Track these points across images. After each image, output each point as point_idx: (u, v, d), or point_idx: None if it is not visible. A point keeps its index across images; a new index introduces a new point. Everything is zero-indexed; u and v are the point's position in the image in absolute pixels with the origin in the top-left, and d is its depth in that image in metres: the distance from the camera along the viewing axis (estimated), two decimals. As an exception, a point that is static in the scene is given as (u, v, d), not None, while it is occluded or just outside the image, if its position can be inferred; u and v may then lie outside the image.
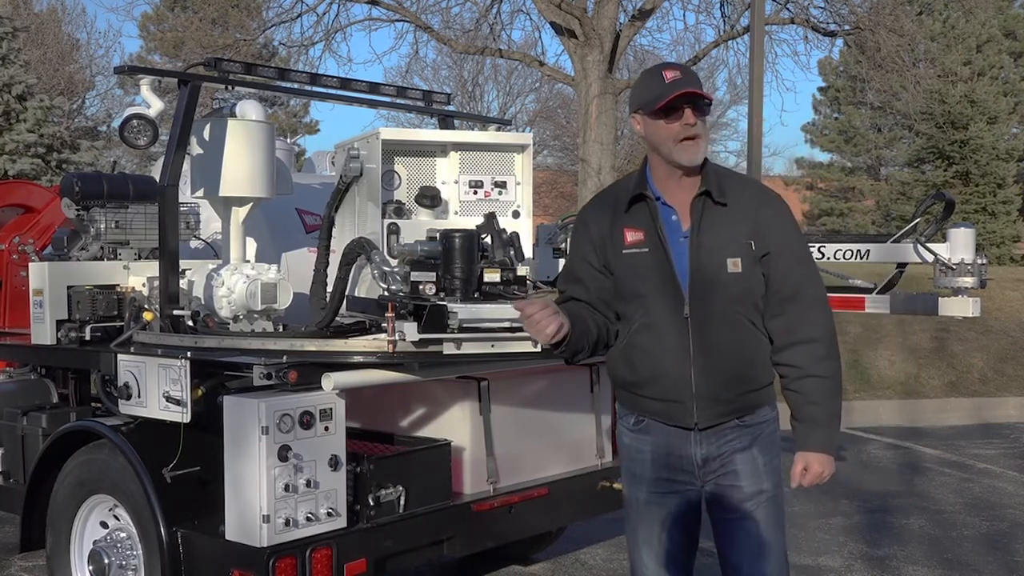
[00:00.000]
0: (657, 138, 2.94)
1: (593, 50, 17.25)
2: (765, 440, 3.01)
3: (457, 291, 3.75)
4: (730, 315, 2.89)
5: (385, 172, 4.32)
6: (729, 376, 2.92)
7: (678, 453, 2.99)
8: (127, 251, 4.89)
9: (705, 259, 2.88)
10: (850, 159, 36.08)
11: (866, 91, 24.17)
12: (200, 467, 3.96)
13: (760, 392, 2.98)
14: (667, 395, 2.94)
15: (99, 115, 29.85)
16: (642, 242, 2.94)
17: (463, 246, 3.77)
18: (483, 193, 4.42)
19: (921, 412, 11.13)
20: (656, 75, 2.94)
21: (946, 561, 5.80)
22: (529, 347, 3.70)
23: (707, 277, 2.88)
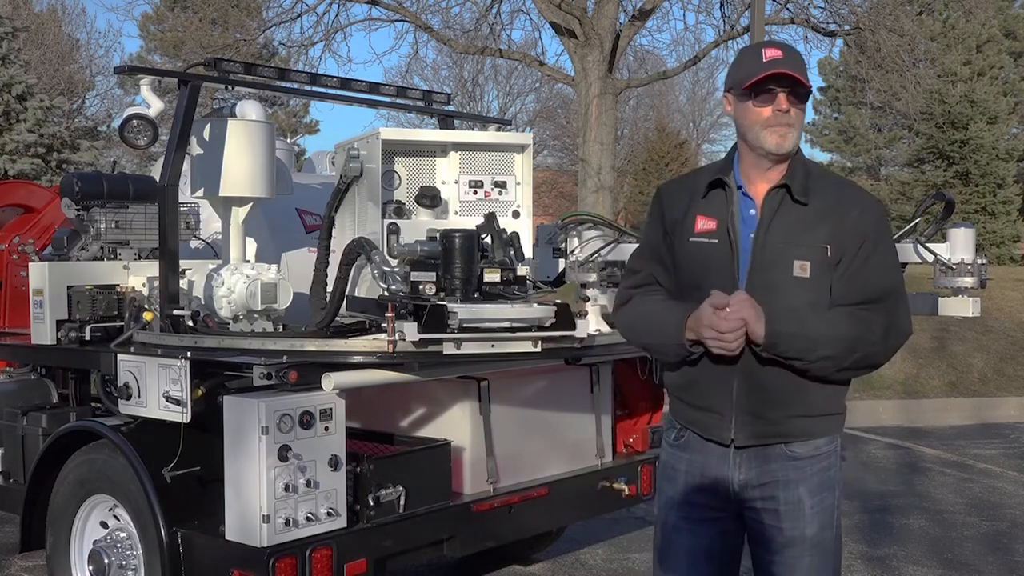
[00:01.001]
0: (746, 121, 2.66)
1: (593, 50, 17.25)
2: (816, 477, 2.69)
3: (457, 291, 3.75)
4: None
5: (385, 172, 4.32)
6: (777, 393, 2.62)
7: (713, 475, 2.70)
8: (127, 251, 4.89)
9: (769, 258, 2.61)
10: (850, 159, 36.09)
11: (866, 91, 24.14)
12: (200, 467, 3.96)
13: (815, 420, 2.68)
14: (705, 402, 2.68)
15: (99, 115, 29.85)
16: (712, 232, 2.67)
17: (463, 246, 3.77)
18: (483, 193, 4.42)
19: (921, 412, 11.13)
20: (755, 52, 2.68)
21: (946, 561, 5.79)
22: (529, 347, 3.70)
23: (768, 279, 2.60)
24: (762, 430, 2.65)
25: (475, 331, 3.67)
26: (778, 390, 2.62)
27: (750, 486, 2.68)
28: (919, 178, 25.19)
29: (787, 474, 2.67)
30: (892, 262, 2.70)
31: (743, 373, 2.61)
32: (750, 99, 2.64)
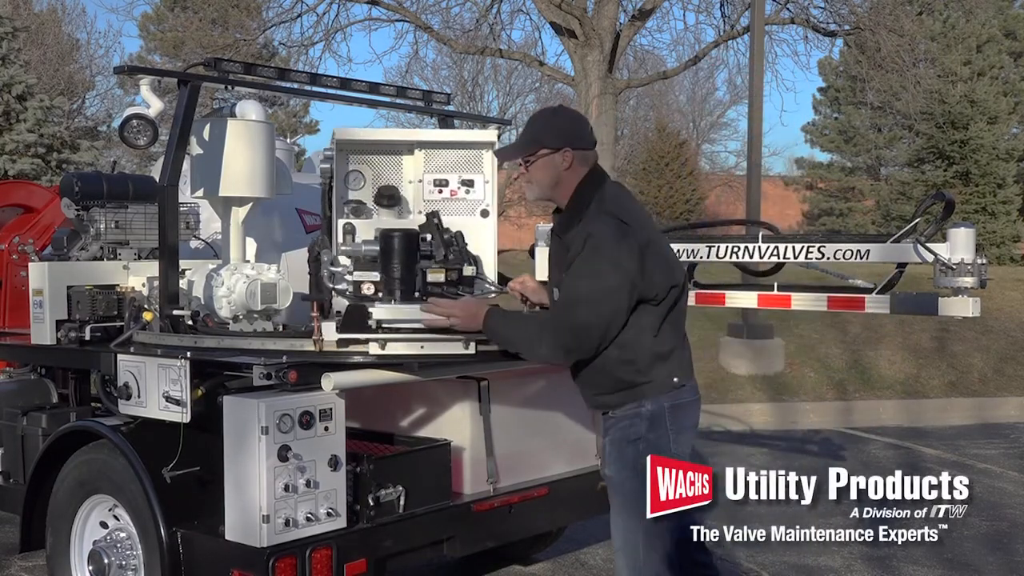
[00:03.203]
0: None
1: (593, 50, 17.25)
2: (619, 432, 3.39)
3: (396, 291, 3.74)
4: None
5: (350, 172, 4.28)
6: (582, 379, 3.46)
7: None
8: (127, 251, 4.89)
9: (552, 289, 3.49)
10: (850, 159, 36.06)
11: (866, 91, 24.15)
12: (200, 467, 3.96)
13: (613, 395, 3.38)
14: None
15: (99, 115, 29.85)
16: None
17: (400, 246, 3.76)
18: (449, 192, 4.31)
19: (921, 412, 11.13)
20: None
21: (946, 561, 5.79)
22: (460, 348, 3.73)
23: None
24: (589, 403, 3.54)
25: (401, 331, 3.68)
26: (580, 376, 3.44)
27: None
28: (919, 178, 25.17)
29: (607, 433, 3.44)
30: (577, 279, 3.26)
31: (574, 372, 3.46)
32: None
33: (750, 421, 10.73)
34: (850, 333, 12.73)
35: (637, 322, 3.28)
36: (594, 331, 3.25)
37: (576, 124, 3.51)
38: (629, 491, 3.39)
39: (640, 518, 3.36)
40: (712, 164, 43.01)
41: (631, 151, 37.20)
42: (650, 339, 3.31)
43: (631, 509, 3.39)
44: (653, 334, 3.31)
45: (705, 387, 10.79)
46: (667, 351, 3.35)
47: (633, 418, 3.36)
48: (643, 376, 3.32)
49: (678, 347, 3.40)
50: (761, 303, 4.90)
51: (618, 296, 3.22)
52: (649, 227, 3.40)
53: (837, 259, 4.42)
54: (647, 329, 3.30)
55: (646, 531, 3.37)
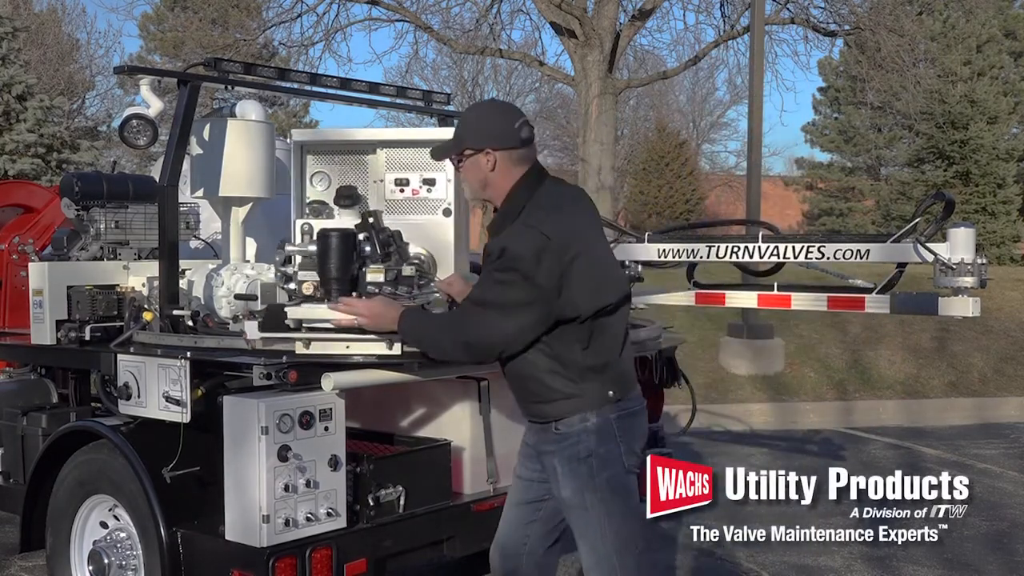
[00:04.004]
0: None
1: (593, 50, 17.26)
2: (568, 451, 3.24)
3: (333, 291, 3.74)
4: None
5: (316, 173, 4.28)
6: (513, 384, 3.34)
7: (526, 440, 3.49)
8: (127, 251, 4.89)
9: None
10: (850, 159, 36.05)
11: (866, 91, 24.15)
12: (200, 467, 3.95)
13: (549, 404, 3.24)
14: None
15: (99, 115, 29.87)
16: None
17: (336, 246, 3.74)
18: (411, 191, 4.28)
19: (922, 412, 11.14)
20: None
21: (946, 561, 5.80)
22: (384, 349, 3.69)
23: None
24: (524, 411, 3.38)
25: (323, 331, 3.68)
26: (512, 382, 3.32)
27: (535, 453, 3.36)
28: (919, 178, 25.17)
29: (547, 446, 3.29)
30: (485, 288, 3.18)
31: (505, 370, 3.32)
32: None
33: (750, 421, 10.73)
34: (850, 333, 12.73)
35: (563, 335, 3.16)
36: (496, 340, 3.16)
37: (500, 122, 3.30)
38: (592, 509, 3.26)
39: (609, 537, 3.25)
40: (712, 164, 43.08)
41: (631, 151, 37.22)
42: (579, 352, 3.18)
43: (596, 529, 3.27)
44: (583, 347, 3.18)
45: (705, 387, 10.87)
46: (600, 364, 3.21)
47: (581, 434, 3.22)
48: (575, 387, 3.19)
49: (613, 361, 3.25)
50: (761, 303, 4.90)
51: (525, 313, 3.10)
52: (584, 240, 3.20)
53: (837, 259, 4.42)
54: (575, 342, 3.17)
55: (617, 550, 3.26)
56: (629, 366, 3.38)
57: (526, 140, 3.28)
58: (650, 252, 4.79)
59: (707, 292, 5.08)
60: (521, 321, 3.12)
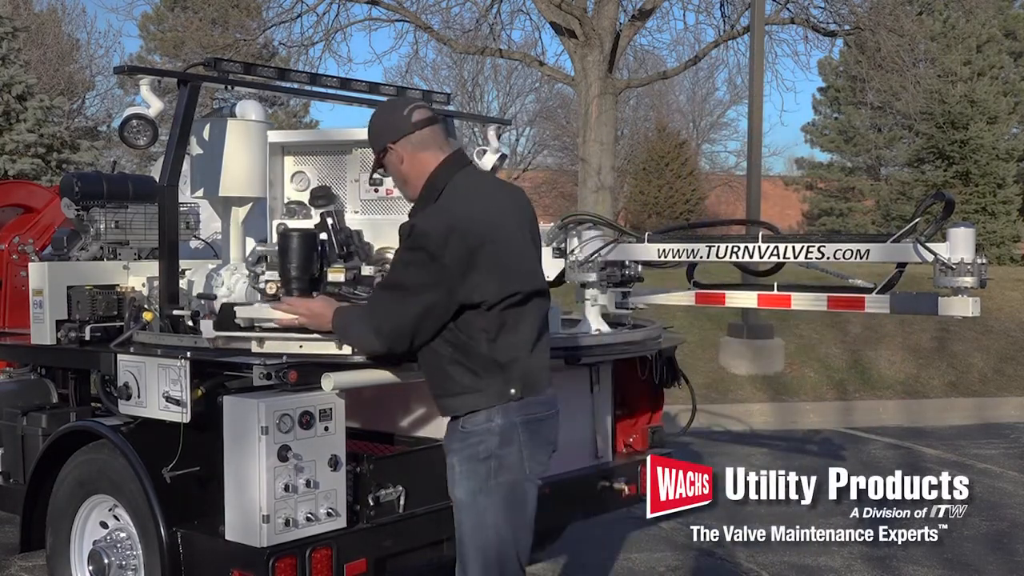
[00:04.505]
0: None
1: (593, 50, 17.26)
2: (468, 450, 3.18)
3: (293, 291, 3.77)
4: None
5: (296, 173, 4.28)
6: (426, 377, 3.30)
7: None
8: (127, 251, 4.89)
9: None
10: (850, 159, 36.07)
11: (866, 91, 24.19)
12: (200, 467, 3.95)
13: (453, 399, 3.20)
14: None
15: (99, 115, 29.89)
16: None
17: (296, 245, 3.77)
18: (384, 191, 4.26)
19: (922, 412, 11.14)
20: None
21: (946, 561, 5.80)
22: (334, 348, 3.68)
23: None
24: (438, 406, 3.30)
25: (275, 331, 3.71)
26: (424, 375, 3.29)
27: (446, 452, 3.28)
28: (919, 178, 25.18)
29: (451, 444, 3.23)
30: (393, 269, 3.24)
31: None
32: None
33: (750, 421, 10.73)
34: (850, 333, 12.73)
35: (470, 325, 3.10)
36: (404, 322, 3.11)
37: (389, 115, 3.30)
38: (482, 513, 3.17)
39: (492, 543, 3.16)
40: (712, 164, 43.08)
41: (631, 151, 37.22)
42: (485, 345, 3.11)
43: (480, 534, 3.17)
44: (489, 339, 3.11)
45: (705, 387, 10.87)
46: (505, 360, 3.13)
47: (484, 434, 3.15)
48: (477, 381, 3.13)
49: (522, 358, 3.16)
50: (761, 303, 4.91)
51: (431, 294, 3.06)
52: (497, 228, 3.14)
53: (837, 259, 4.42)
54: (481, 332, 3.10)
55: (484, 567, 3.17)
56: (540, 367, 3.26)
57: (419, 122, 3.23)
58: (650, 252, 4.79)
59: (707, 292, 5.08)
60: (426, 302, 3.07)
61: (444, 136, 3.30)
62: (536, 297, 3.21)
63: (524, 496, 3.19)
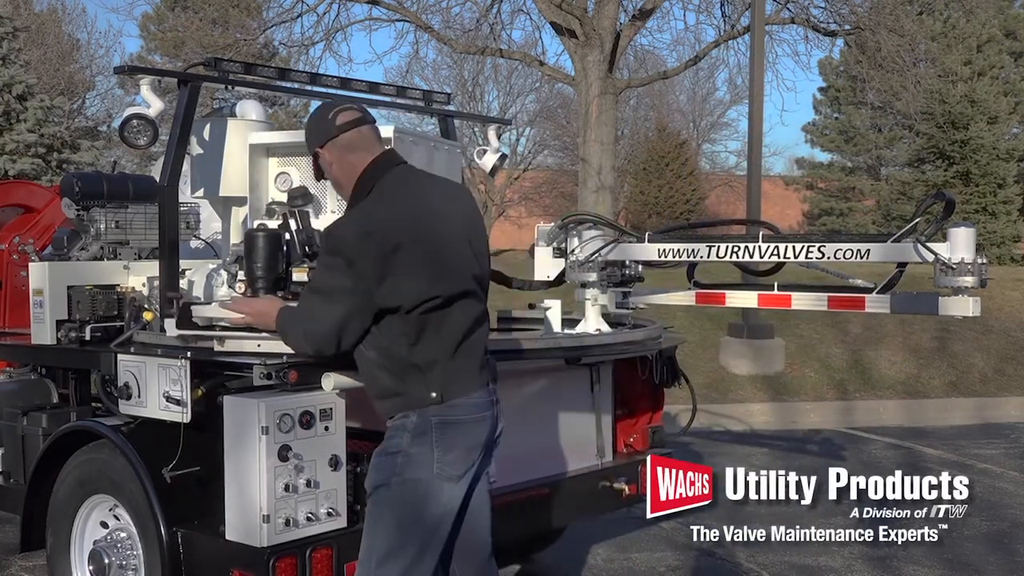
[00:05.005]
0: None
1: (593, 50, 17.26)
2: (383, 444, 3.20)
3: (258, 290, 3.81)
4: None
5: (280, 174, 4.30)
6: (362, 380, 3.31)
7: None
8: (127, 251, 4.89)
9: None
10: (850, 159, 36.07)
11: (866, 91, 24.21)
12: (200, 467, 3.95)
13: (381, 402, 3.21)
14: None
15: (99, 115, 29.89)
16: None
17: (260, 245, 3.81)
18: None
19: (922, 412, 11.14)
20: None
21: (947, 561, 5.80)
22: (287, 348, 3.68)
23: None
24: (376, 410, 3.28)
25: (236, 329, 3.72)
26: (360, 377, 3.29)
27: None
28: (919, 178, 25.19)
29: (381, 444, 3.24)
30: (316, 273, 3.30)
31: None
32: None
33: (750, 421, 10.73)
34: (850, 333, 12.73)
35: (391, 327, 3.08)
36: (327, 326, 3.10)
37: (317, 120, 3.29)
38: (384, 508, 3.16)
39: (389, 538, 3.14)
40: (712, 164, 43.07)
41: (631, 151, 37.22)
42: (406, 347, 3.08)
43: (375, 529, 3.17)
44: (410, 343, 3.07)
45: (705, 387, 10.87)
46: (425, 363, 3.09)
47: (399, 430, 3.14)
48: (399, 384, 3.12)
49: (444, 360, 3.10)
50: (761, 303, 4.91)
51: (350, 298, 3.05)
52: (419, 230, 3.09)
53: (837, 259, 4.42)
54: (401, 336, 3.07)
55: (378, 563, 3.14)
56: (467, 369, 3.18)
57: (343, 125, 3.22)
58: (650, 252, 4.79)
59: (707, 292, 5.08)
60: (347, 307, 3.06)
61: (374, 137, 3.29)
62: (464, 299, 3.15)
63: (431, 494, 3.11)
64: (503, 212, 35.53)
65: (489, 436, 3.26)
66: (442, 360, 3.11)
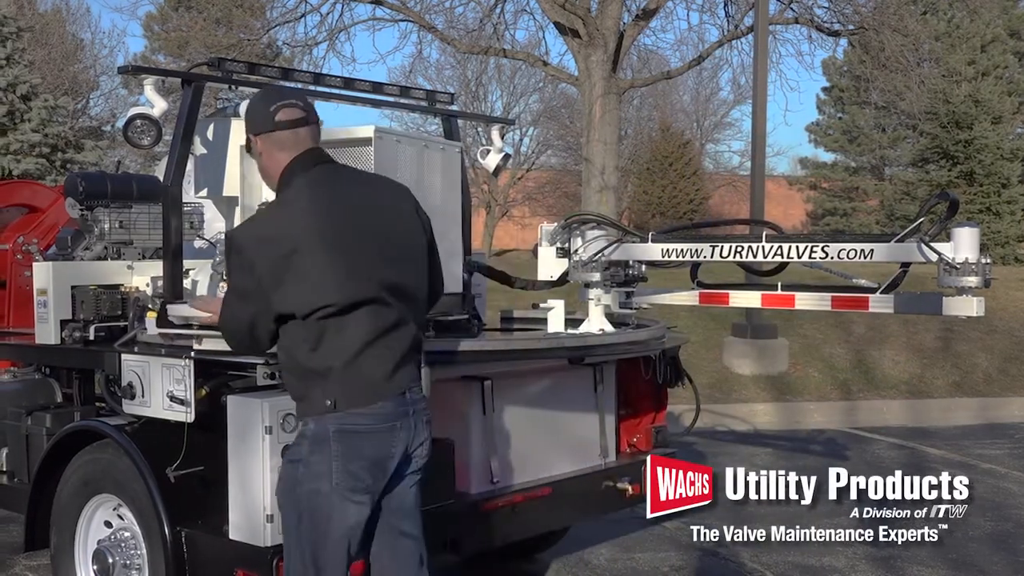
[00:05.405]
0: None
1: (597, 50, 17.25)
2: (288, 450, 3.18)
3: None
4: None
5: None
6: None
7: None
8: (131, 251, 4.90)
9: None
10: (854, 159, 36.04)
11: (870, 91, 24.11)
12: (204, 467, 3.95)
13: (297, 405, 3.11)
14: None
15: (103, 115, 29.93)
16: None
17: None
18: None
19: (926, 412, 11.13)
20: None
21: (951, 561, 5.79)
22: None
23: None
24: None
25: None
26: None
27: None
28: (923, 178, 25.17)
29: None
30: (228, 277, 3.25)
31: None
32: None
33: (754, 421, 10.72)
34: (854, 333, 12.72)
35: (295, 332, 3.00)
36: (240, 327, 3.08)
37: (259, 107, 3.21)
38: (286, 517, 3.08)
39: (288, 551, 3.07)
40: (716, 164, 43.04)
41: (635, 151, 37.20)
42: (305, 353, 2.99)
43: (286, 538, 3.09)
44: (310, 348, 2.98)
45: (709, 387, 10.86)
46: (323, 369, 2.97)
47: (301, 437, 3.06)
48: (302, 389, 3.05)
49: (340, 368, 2.97)
50: (765, 303, 4.90)
51: (253, 302, 3.00)
52: (316, 235, 2.98)
53: (841, 259, 4.41)
54: (303, 342, 2.99)
55: (291, 568, 3.09)
56: (370, 376, 3.01)
57: (281, 123, 3.13)
58: (654, 252, 4.79)
59: (711, 292, 5.07)
60: (251, 309, 3.03)
61: (311, 138, 3.20)
62: (369, 306, 3.00)
63: (330, 508, 2.99)
64: (506, 212, 35.54)
65: (403, 448, 3.08)
66: (338, 367, 2.98)
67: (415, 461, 3.16)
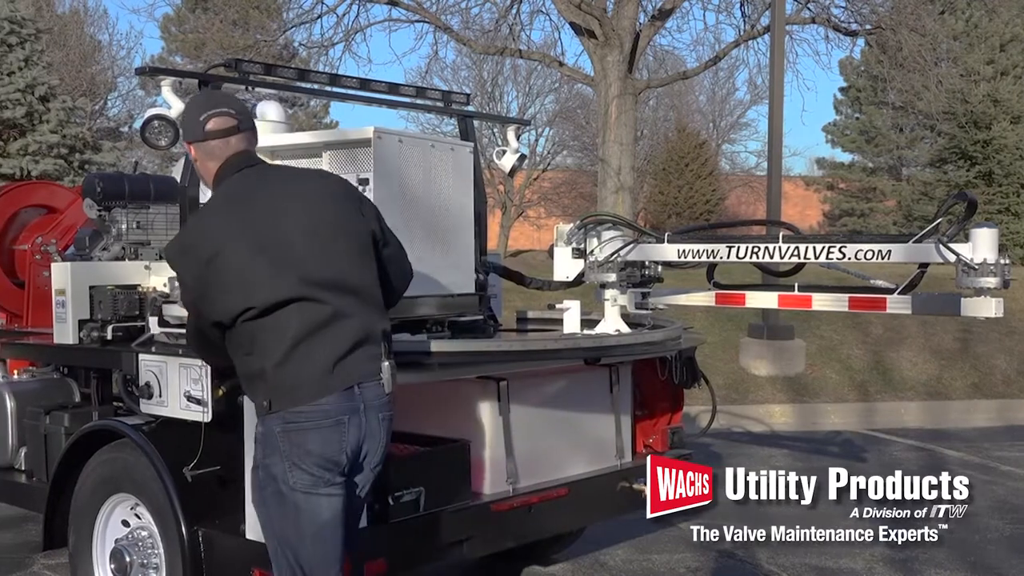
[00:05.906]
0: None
1: (613, 50, 17.23)
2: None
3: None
4: None
5: None
6: None
7: None
8: (148, 251, 4.92)
9: None
10: (871, 159, 35.82)
11: (888, 91, 24.04)
12: (221, 466, 3.97)
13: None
14: None
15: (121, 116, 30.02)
16: None
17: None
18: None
19: (945, 414, 11.07)
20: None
21: (969, 564, 5.75)
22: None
23: None
24: None
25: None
26: None
27: None
28: (941, 178, 25.03)
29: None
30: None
31: None
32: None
33: (771, 422, 10.69)
34: (872, 334, 12.66)
35: (230, 338, 3.03)
36: (192, 337, 3.22)
37: (190, 114, 3.21)
38: (264, 522, 3.10)
39: (274, 556, 3.06)
40: (732, 164, 42.88)
41: (651, 151, 37.12)
42: (241, 357, 3.03)
43: (268, 543, 3.09)
44: (245, 352, 3.00)
45: (725, 388, 10.84)
46: (258, 371, 2.98)
47: (255, 442, 3.09)
48: (249, 393, 3.14)
49: (271, 368, 2.94)
50: (781, 303, 4.88)
51: (192, 312, 3.15)
52: (230, 239, 2.95)
53: (858, 259, 4.39)
54: (239, 347, 3.02)
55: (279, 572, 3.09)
56: (307, 374, 2.96)
57: (211, 133, 3.10)
58: (670, 252, 4.77)
59: (727, 292, 5.06)
60: (194, 320, 3.16)
61: (242, 145, 3.14)
62: (296, 303, 2.95)
63: (293, 509, 2.97)
64: (522, 212, 35.51)
65: (354, 442, 3.03)
66: (269, 368, 2.96)
67: (366, 467, 3.11)
